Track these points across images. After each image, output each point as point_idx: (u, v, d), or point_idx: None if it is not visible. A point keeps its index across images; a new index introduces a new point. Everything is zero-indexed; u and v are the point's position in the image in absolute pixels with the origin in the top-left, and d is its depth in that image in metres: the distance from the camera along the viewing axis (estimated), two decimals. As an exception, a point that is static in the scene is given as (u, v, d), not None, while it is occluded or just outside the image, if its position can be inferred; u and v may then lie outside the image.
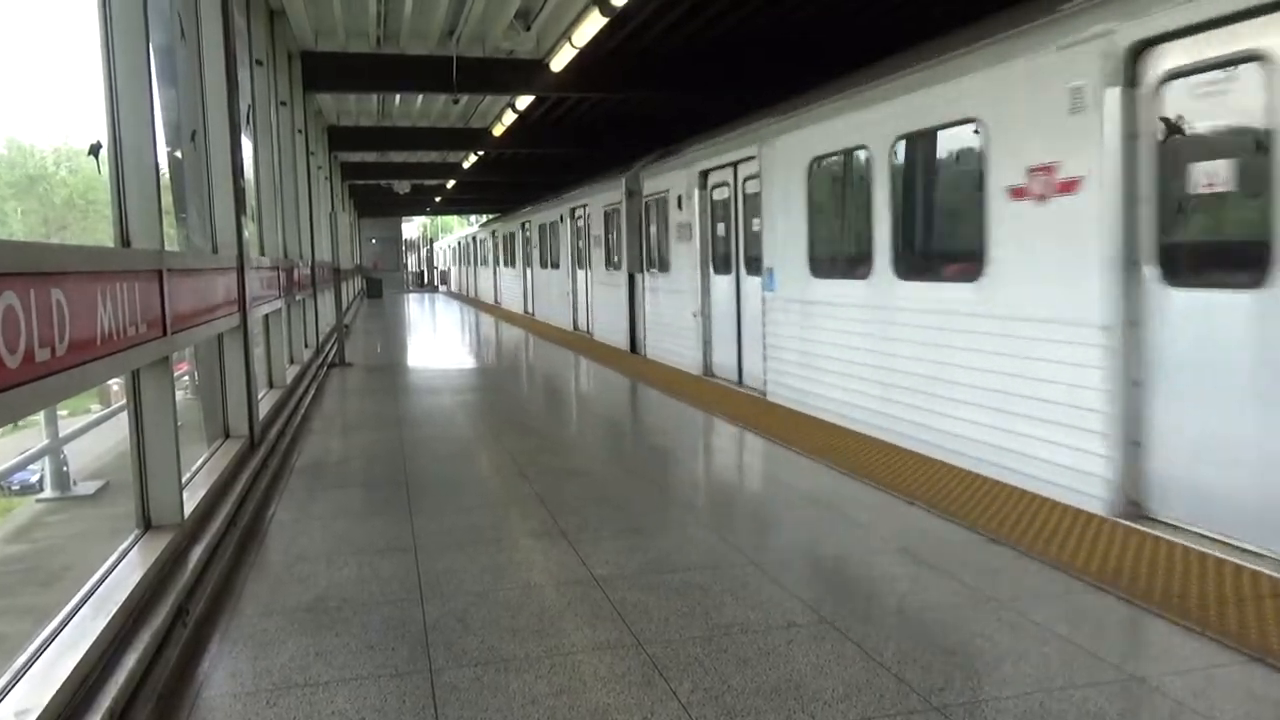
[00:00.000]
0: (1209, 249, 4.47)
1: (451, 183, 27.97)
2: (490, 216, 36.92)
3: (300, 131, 11.73)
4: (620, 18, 9.43)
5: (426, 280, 52.71)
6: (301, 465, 6.36)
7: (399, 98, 16.11)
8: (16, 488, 9.89)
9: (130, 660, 2.79)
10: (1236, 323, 4.09)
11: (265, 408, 6.89)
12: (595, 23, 9.25)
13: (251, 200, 8.19)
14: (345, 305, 15.98)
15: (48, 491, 8.02)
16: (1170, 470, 4.45)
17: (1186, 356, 4.35)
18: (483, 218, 41.86)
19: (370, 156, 23.52)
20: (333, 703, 2.88)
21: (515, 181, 27.21)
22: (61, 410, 8.57)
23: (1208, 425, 4.25)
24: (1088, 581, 3.69)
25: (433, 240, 59.81)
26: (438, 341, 19.03)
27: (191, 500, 4.21)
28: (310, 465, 6.38)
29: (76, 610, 2.98)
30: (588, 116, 16.54)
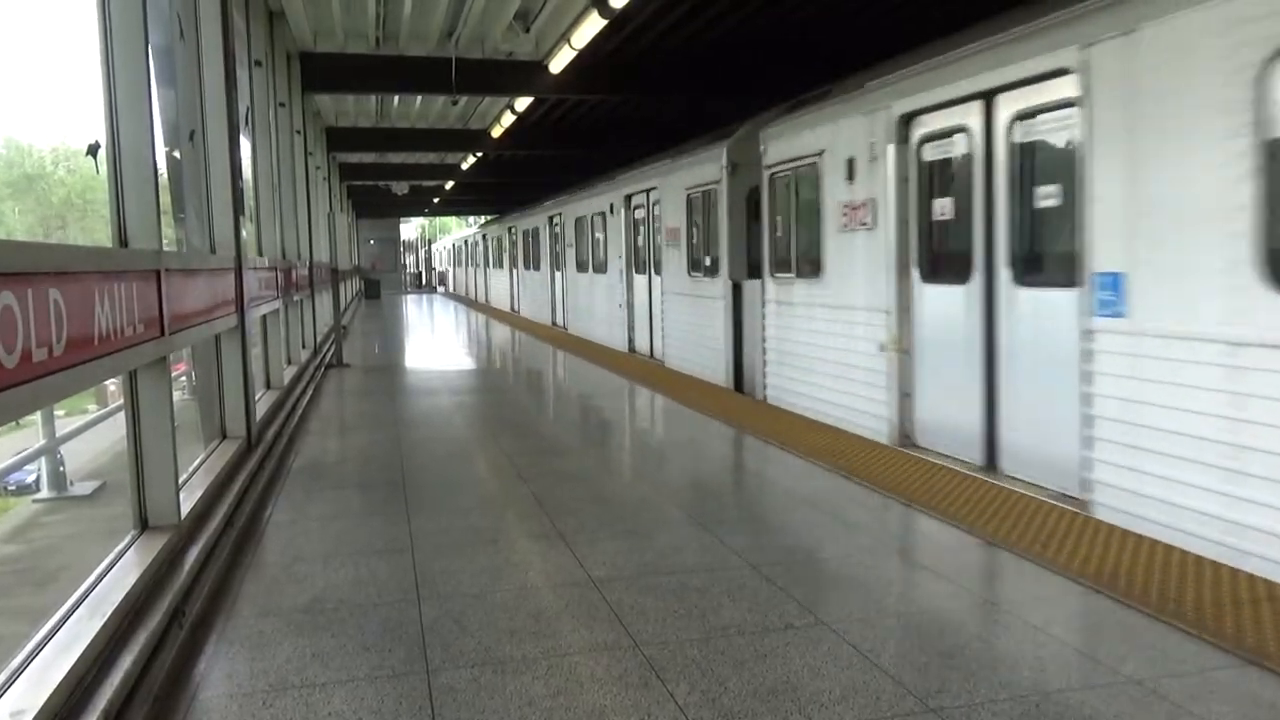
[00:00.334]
0: (941, 257, 6.34)
1: (450, 184, 27.99)
2: (489, 218, 36.92)
3: (299, 132, 11.72)
4: (619, 19, 9.44)
5: (424, 281, 52.70)
6: (299, 466, 6.36)
7: (397, 99, 16.12)
8: (13, 488, 9.88)
9: (126, 661, 2.79)
10: (956, 307, 6.01)
11: (263, 408, 6.89)
12: (594, 25, 9.26)
13: (250, 201, 8.20)
14: (343, 306, 15.96)
15: (44, 492, 8.00)
16: (924, 413, 6.45)
17: (933, 331, 6.34)
18: (482, 218, 41.89)
19: (369, 157, 23.54)
20: (329, 704, 2.88)
21: (514, 183, 27.23)
22: (58, 410, 8.56)
23: (941, 378, 6.23)
24: (1079, 580, 3.69)
25: (431, 241, 59.82)
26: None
27: (188, 501, 4.21)
28: (307, 466, 6.38)
29: (73, 611, 2.98)
30: (588, 118, 16.56)
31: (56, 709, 2.42)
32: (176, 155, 5.64)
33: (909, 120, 6.41)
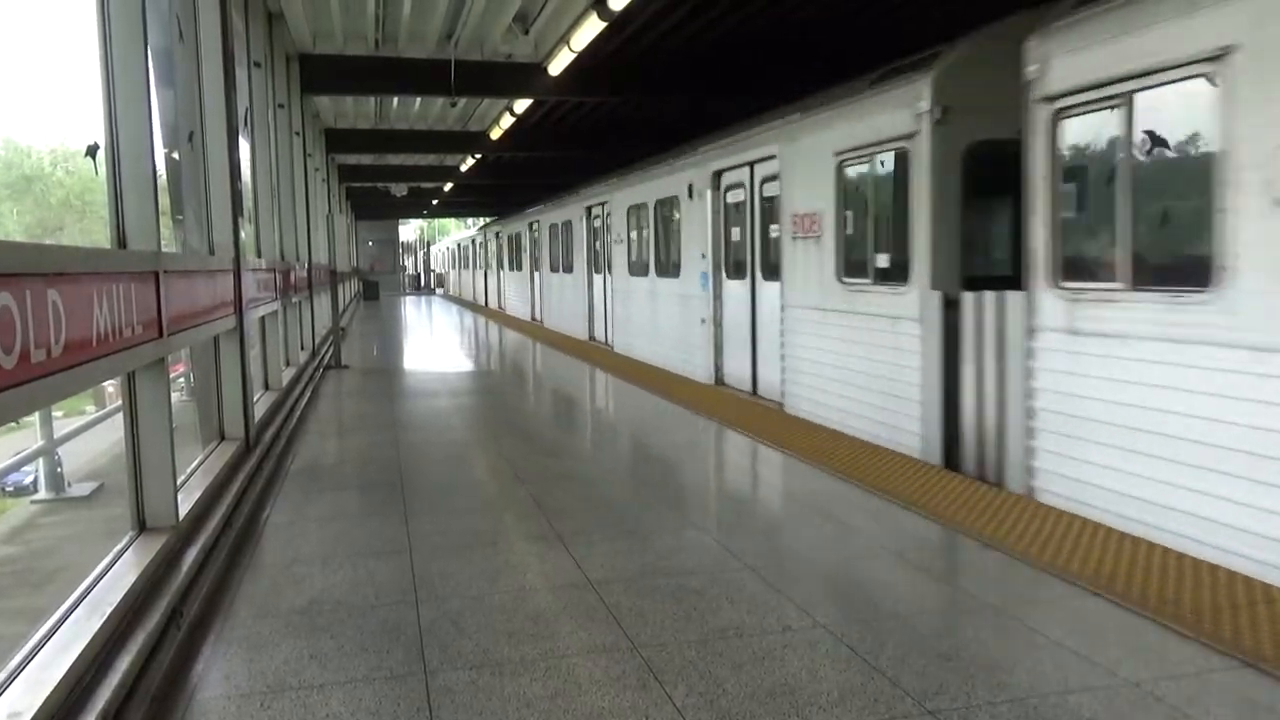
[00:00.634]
0: (733, 264, 9.78)
1: (449, 186, 27.98)
2: (489, 220, 36.93)
3: (298, 134, 11.73)
4: (619, 21, 9.45)
5: (423, 283, 52.71)
6: (297, 468, 6.35)
7: (396, 100, 16.12)
8: (10, 489, 9.86)
9: (124, 662, 2.79)
10: (741, 293, 9.53)
11: (261, 410, 6.88)
12: (594, 27, 9.26)
13: (248, 202, 8.19)
14: (342, 308, 15.96)
15: (42, 493, 7.98)
16: (728, 363, 9.80)
17: (730, 310, 9.88)
18: (481, 219, 41.88)
19: (367, 159, 23.53)
20: (327, 705, 2.88)
21: (513, 184, 27.23)
22: (56, 411, 8.55)
23: (734, 340, 9.41)
24: (1081, 584, 3.69)
25: (430, 243, 59.80)
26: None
27: (187, 502, 4.20)
28: (306, 468, 6.38)
29: (71, 612, 2.97)
30: (588, 119, 16.56)
31: (54, 710, 2.42)
32: (175, 156, 5.64)
33: (719, 174, 9.92)
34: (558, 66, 10.82)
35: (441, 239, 57.72)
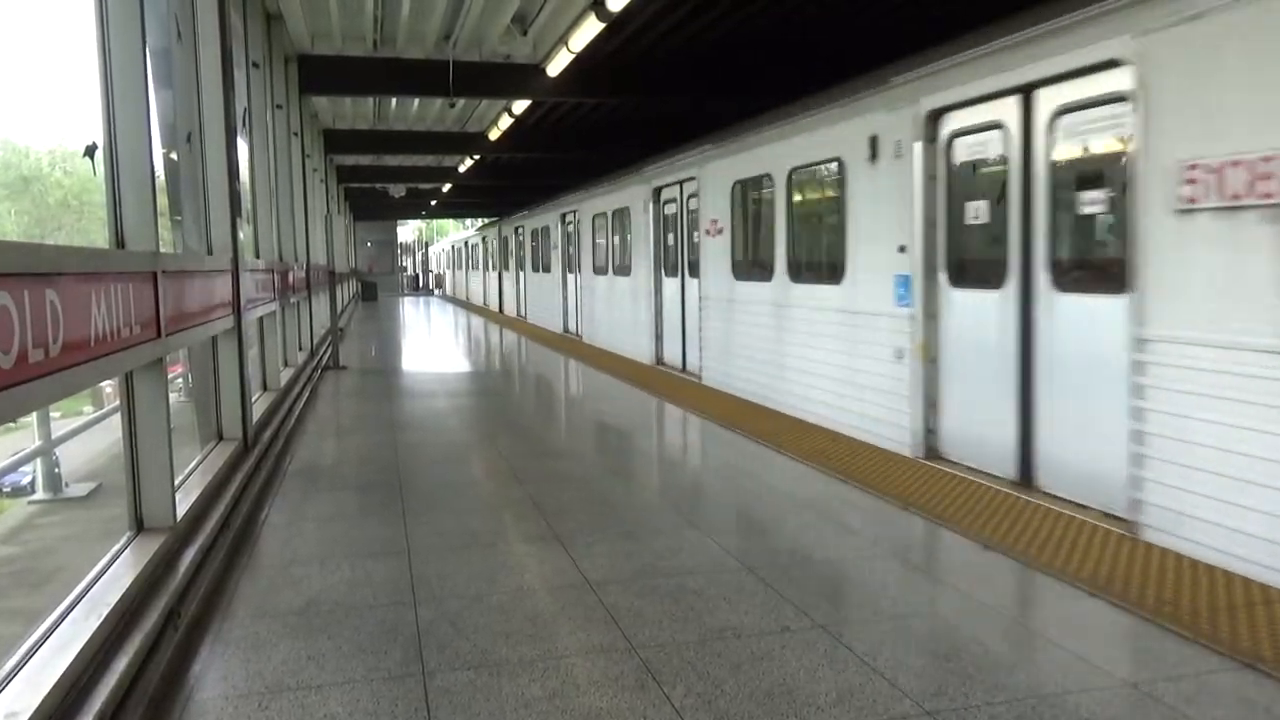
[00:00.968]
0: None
1: (447, 186, 27.98)
2: (483, 224, 36.91)
3: (296, 134, 11.72)
4: (618, 22, 9.45)
5: (421, 284, 52.71)
6: (295, 468, 6.35)
7: (395, 101, 16.11)
8: (8, 490, 9.85)
9: (122, 663, 2.78)
10: (673, 289, 11.54)
11: (259, 410, 6.88)
12: (592, 27, 9.26)
13: (247, 203, 8.19)
14: (340, 309, 15.95)
15: (39, 493, 7.97)
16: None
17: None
18: (480, 220, 41.89)
19: (366, 160, 23.51)
20: (325, 706, 2.87)
21: (511, 185, 27.23)
22: (54, 411, 8.54)
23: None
24: (1084, 588, 3.70)
25: (428, 244, 59.79)
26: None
27: (185, 502, 4.20)
28: (304, 468, 6.37)
29: (68, 612, 2.97)
30: (587, 120, 16.57)
31: (51, 710, 2.41)
32: (174, 157, 5.64)
33: (658, 190, 11.95)
34: (556, 67, 10.82)
35: (440, 240, 57.74)
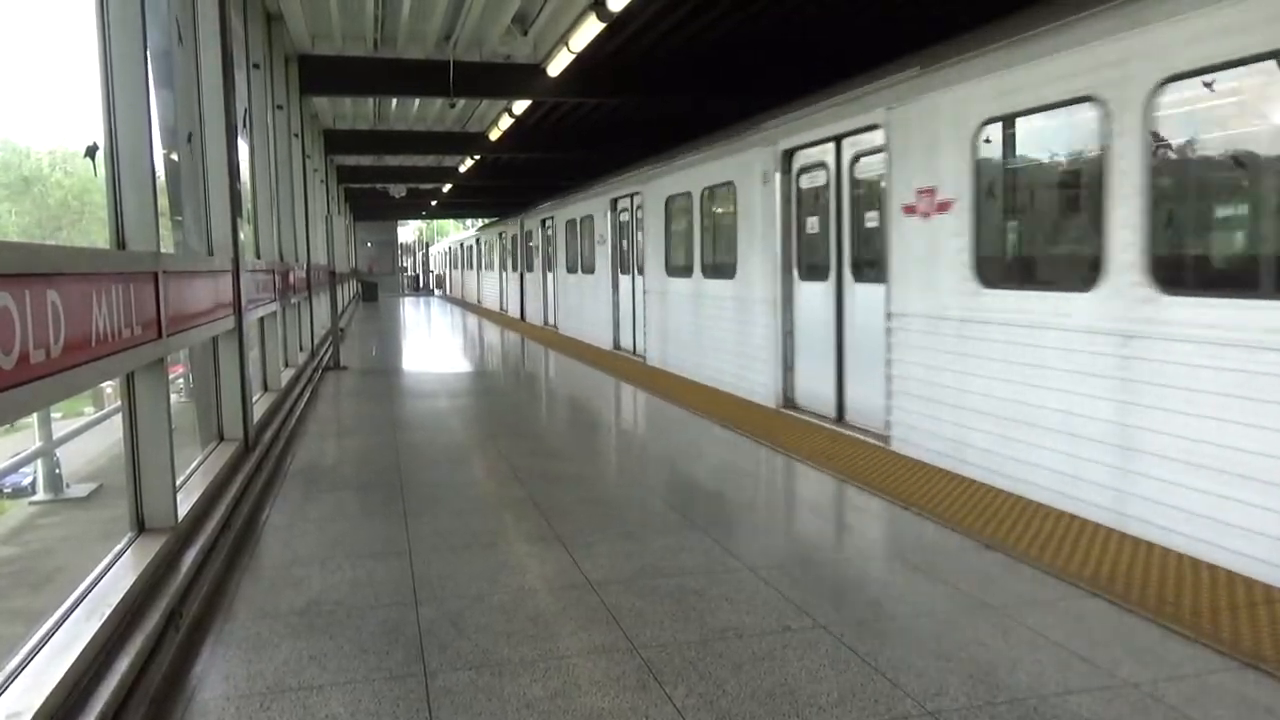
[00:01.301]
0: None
1: (448, 187, 27.97)
2: (480, 225, 36.89)
3: (296, 135, 11.72)
4: (619, 22, 9.45)
5: (422, 284, 52.71)
6: (296, 469, 6.35)
7: (395, 101, 16.12)
8: (9, 490, 9.85)
9: (123, 664, 2.78)
10: (627, 288, 13.79)
11: (260, 411, 6.88)
12: (593, 27, 9.26)
13: (247, 203, 8.19)
14: (340, 309, 15.96)
15: (40, 494, 7.98)
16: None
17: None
18: (480, 220, 41.89)
19: (366, 160, 23.51)
20: (327, 706, 2.87)
21: (512, 185, 27.23)
22: (55, 413, 8.54)
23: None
24: (1078, 585, 3.70)
25: (429, 244, 59.79)
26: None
27: (186, 503, 4.20)
28: (305, 469, 6.37)
29: (69, 613, 2.97)
30: (587, 120, 16.57)
31: (53, 711, 2.41)
32: (174, 157, 5.64)
33: (615, 201, 13.96)
34: (557, 67, 10.82)
35: (440, 240, 57.75)
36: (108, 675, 2.71)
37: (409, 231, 60.20)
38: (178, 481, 4.15)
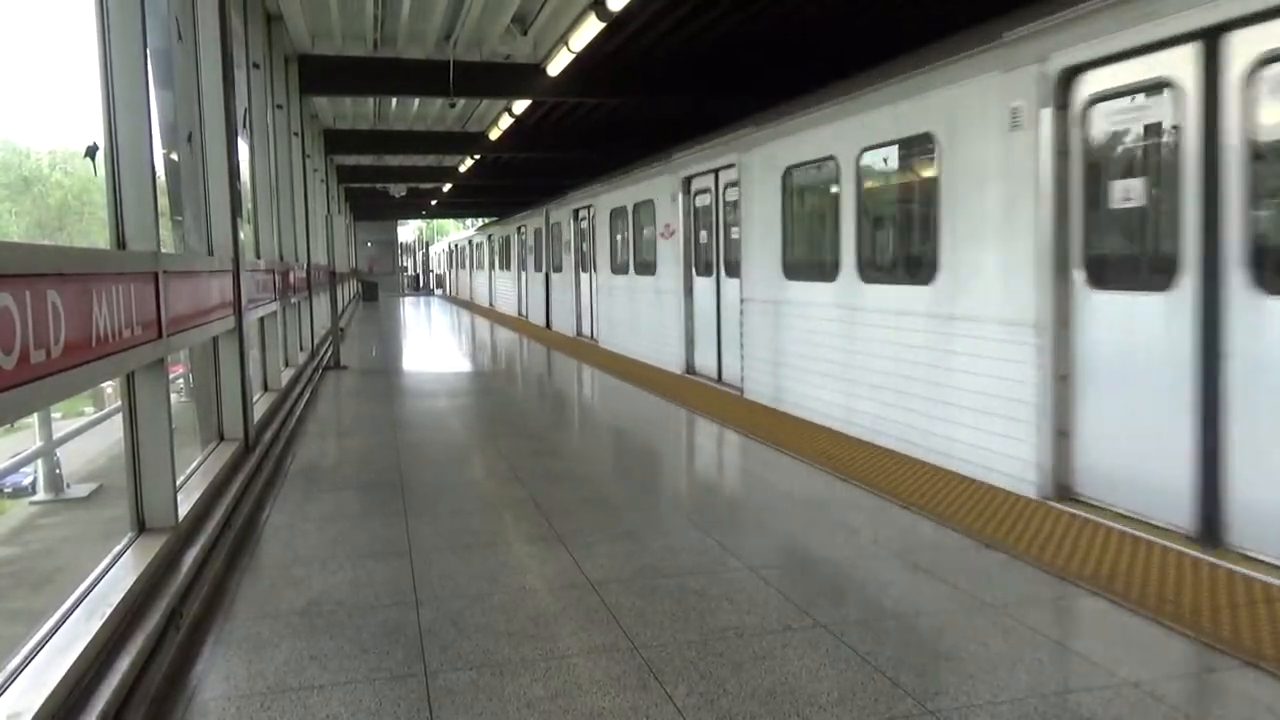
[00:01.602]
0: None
1: (448, 186, 27.97)
2: (478, 226, 36.86)
3: (296, 134, 11.73)
4: (619, 21, 9.45)
5: (422, 284, 52.71)
6: (296, 468, 6.35)
7: (395, 101, 16.12)
8: (9, 490, 9.86)
9: (124, 663, 2.79)
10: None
11: (260, 410, 6.88)
12: (592, 27, 9.26)
13: (247, 203, 8.19)
14: (341, 309, 15.96)
15: (40, 494, 7.98)
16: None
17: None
18: (480, 220, 41.89)
19: (366, 160, 23.53)
20: (327, 706, 2.88)
21: (512, 185, 27.23)
22: (55, 412, 8.54)
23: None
24: (1078, 584, 3.70)
25: (429, 244, 59.80)
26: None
27: (186, 503, 4.20)
28: (305, 468, 6.37)
29: (70, 613, 2.97)
30: (587, 120, 16.57)
31: (54, 711, 2.41)
32: (174, 157, 5.64)
33: (577, 211, 16.74)
34: (556, 67, 10.83)
35: (440, 240, 57.76)
36: (108, 675, 2.71)
37: (409, 231, 60.23)
38: (178, 481, 4.15)
